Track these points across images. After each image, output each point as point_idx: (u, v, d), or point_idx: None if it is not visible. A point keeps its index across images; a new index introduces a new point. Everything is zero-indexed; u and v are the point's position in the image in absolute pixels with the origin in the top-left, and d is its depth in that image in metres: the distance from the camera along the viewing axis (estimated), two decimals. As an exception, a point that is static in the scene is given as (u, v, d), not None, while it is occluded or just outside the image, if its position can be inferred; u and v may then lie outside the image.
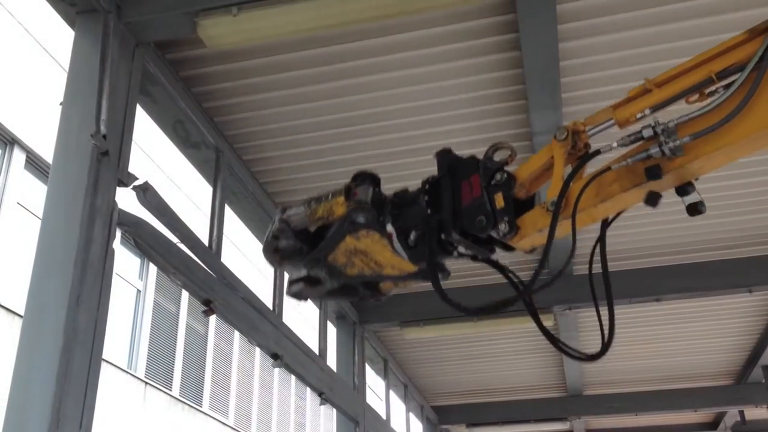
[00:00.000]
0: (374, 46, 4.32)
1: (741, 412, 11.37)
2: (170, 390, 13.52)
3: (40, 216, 3.38)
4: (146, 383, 12.57)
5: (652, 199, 1.99)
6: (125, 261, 12.05)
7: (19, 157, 9.91)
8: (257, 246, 6.37)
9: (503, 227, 2.16)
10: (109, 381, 10.77)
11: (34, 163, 10.18)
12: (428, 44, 4.30)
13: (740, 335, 8.72)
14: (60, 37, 9.29)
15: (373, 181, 2.39)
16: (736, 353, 9.32)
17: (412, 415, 9.90)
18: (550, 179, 2.13)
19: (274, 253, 2.51)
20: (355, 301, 2.69)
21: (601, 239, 2.27)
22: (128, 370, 12.08)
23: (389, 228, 2.31)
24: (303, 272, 2.50)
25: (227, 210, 5.10)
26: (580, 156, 2.15)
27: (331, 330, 7.15)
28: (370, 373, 8.35)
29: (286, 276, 2.58)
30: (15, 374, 3.00)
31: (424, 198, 2.34)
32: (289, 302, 3.79)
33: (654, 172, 1.95)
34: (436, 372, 9.79)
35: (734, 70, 1.90)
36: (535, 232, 2.15)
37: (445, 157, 2.41)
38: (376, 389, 14.89)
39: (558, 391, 10.63)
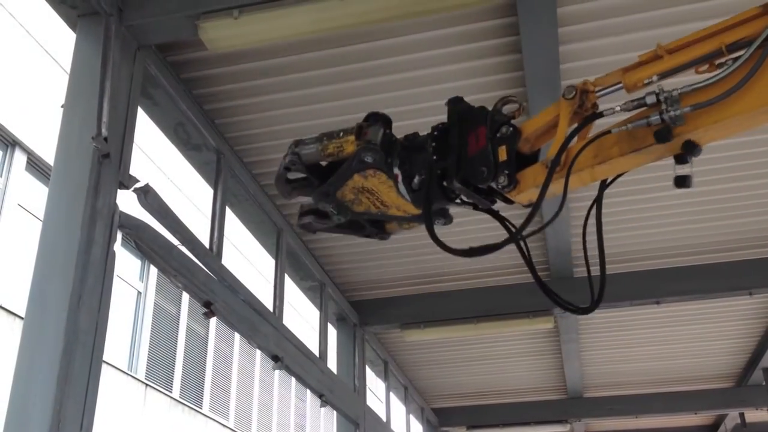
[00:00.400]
0: (375, 49, 4.33)
1: (741, 415, 11.35)
2: (170, 392, 13.51)
3: (41, 218, 3.38)
4: (146, 385, 12.57)
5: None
6: (126, 263, 12.05)
7: (20, 158, 9.92)
8: (258, 248, 6.36)
9: (503, 180, 2.22)
10: (109, 383, 10.77)
11: (35, 165, 10.19)
12: (429, 47, 4.31)
13: (741, 338, 8.71)
14: (61, 38, 9.30)
15: (385, 123, 2.43)
16: (736, 356, 9.30)
17: (412, 417, 9.89)
18: (554, 137, 2.15)
19: (286, 184, 2.56)
20: (362, 236, 2.74)
21: (598, 200, 2.32)
22: (129, 372, 12.08)
23: (396, 170, 2.36)
24: (312, 204, 2.55)
25: (228, 212, 5.10)
26: (586, 116, 2.17)
27: (332, 332, 7.16)
28: (370, 375, 8.34)
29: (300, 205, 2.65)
30: (16, 376, 3.01)
31: (431, 144, 2.37)
32: (289, 304, 3.81)
33: (663, 135, 1.95)
34: (437, 374, 9.78)
35: (744, 44, 1.90)
36: (534, 187, 2.19)
37: (456, 105, 2.45)
38: (376, 391, 14.91)
39: (558, 394, 10.62)
